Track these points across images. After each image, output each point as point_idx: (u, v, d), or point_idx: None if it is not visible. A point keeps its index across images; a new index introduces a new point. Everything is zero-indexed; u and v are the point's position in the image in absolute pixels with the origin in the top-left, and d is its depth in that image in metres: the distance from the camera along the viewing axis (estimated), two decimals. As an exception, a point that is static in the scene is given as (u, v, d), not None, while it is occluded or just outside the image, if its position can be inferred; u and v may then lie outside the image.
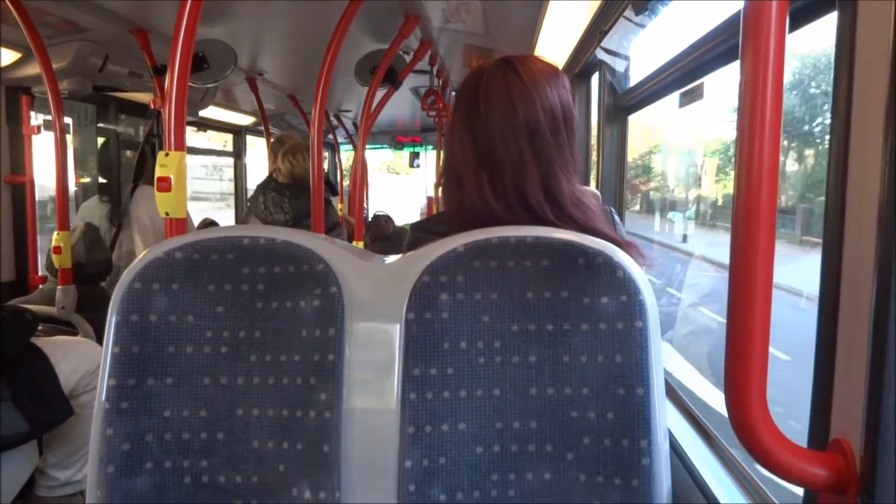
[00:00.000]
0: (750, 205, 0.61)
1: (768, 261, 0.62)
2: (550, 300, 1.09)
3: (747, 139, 0.61)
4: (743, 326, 0.62)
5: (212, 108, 4.78)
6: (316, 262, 1.12)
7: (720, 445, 1.19)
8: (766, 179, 0.61)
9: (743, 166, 0.61)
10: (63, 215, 2.69)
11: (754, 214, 0.61)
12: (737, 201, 0.62)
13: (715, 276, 4.30)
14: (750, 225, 0.61)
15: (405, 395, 1.07)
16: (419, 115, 6.77)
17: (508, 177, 1.16)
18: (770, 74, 0.60)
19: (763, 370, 0.62)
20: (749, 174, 0.61)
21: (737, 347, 0.63)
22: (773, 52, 0.59)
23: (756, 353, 0.62)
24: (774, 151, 0.61)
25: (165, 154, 1.36)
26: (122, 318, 1.12)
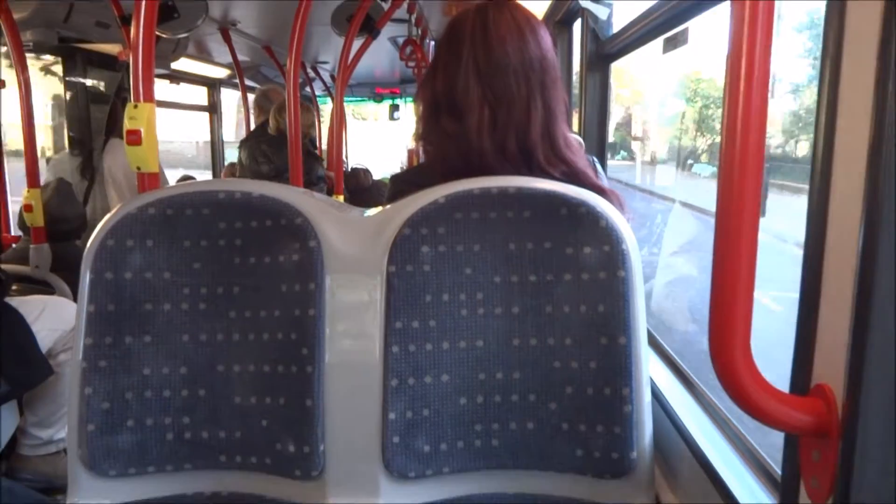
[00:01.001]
0: (737, 148, 0.60)
1: (754, 205, 0.61)
2: (533, 251, 1.08)
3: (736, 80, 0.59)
4: (728, 271, 0.62)
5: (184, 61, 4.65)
6: (294, 216, 1.10)
7: (701, 392, 1.21)
8: (755, 124, 0.59)
9: (731, 109, 0.60)
10: (32, 172, 2.62)
11: (741, 158, 0.60)
12: (724, 145, 0.61)
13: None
14: (736, 169, 0.60)
15: (387, 348, 1.06)
16: (398, 67, 6.64)
17: (514, 113, 1.14)
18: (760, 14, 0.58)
19: (748, 315, 0.62)
20: (736, 117, 0.60)
21: (721, 292, 0.62)
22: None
23: (740, 298, 0.62)
24: (763, 94, 0.59)
25: (134, 106, 1.31)
26: (95, 276, 1.09)
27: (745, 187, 0.60)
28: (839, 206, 0.63)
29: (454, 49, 1.17)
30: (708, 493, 0.95)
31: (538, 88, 1.15)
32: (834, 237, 0.63)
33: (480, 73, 1.14)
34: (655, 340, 1.44)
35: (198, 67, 5.29)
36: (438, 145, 1.21)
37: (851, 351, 0.60)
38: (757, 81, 0.59)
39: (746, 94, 0.59)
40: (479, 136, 1.14)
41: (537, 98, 1.15)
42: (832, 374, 0.63)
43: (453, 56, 1.17)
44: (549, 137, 1.16)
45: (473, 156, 1.15)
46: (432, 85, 1.20)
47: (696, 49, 3.55)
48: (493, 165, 1.14)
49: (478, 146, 1.14)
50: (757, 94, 0.59)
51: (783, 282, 1.47)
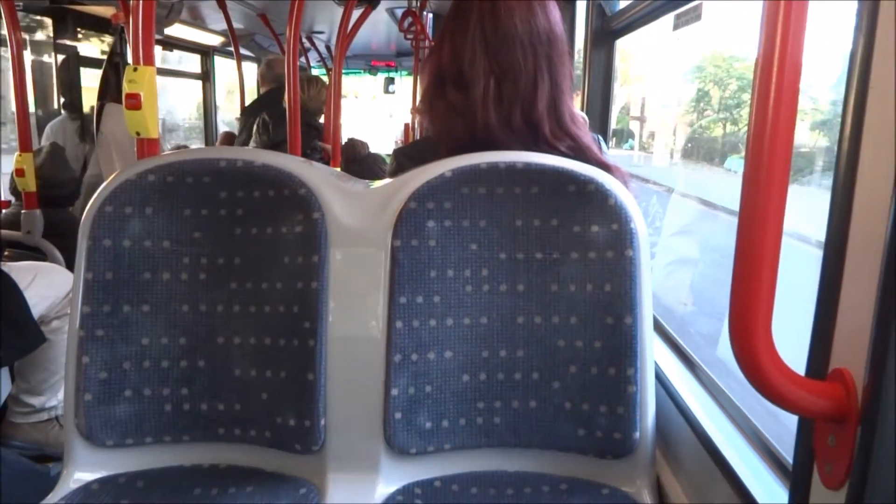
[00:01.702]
0: (764, 136, 0.58)
1: (782, 188, 0.59)
2: (540, 228, 1.07)
3: (764, 74, 0.57)
4: (751, 253, 0.60)
5: (178, 27, 4.56)
6: (298, 187, 1.08)
7: (704, 373, 1.20)
8: (784, 112, 0.57)
9: (760, 97, 0.58)
10: (25, 136, 2.56)
11: (769, 145, 0.58)
12: (751, 132, 0.59)
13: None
14: (763, 153, 0.58)
15: (391, 324, 1.05)
16: (395, 40, 6.55)
17: (521, 87, 1.12)
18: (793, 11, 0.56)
19: (770, 297, 0.61)
20: (765, 106, 0.58)
21: (744, 274, 0.61)
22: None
23: (764, 281, 0.60)
24: (794, 81, 0.57)
25: (134, 69, 1.28)
26: (93, 244, 1.07)
27: (773, 171, 0.58)
28: (867, 180, 0.61)
29: (462, 19, 1.15)
30: (712, 475, 0.95)
31: (545, 62, 1.13)
32: (860, 214, 0.62)
33: (487, 44, 1.12)
34: (657, 321, 1.44)
35: (191, 34, 5.19)
36: (443, 117, 1.19)
37: (875, 335, 0.59)
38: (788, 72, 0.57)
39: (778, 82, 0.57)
40: (484, 108, 1.12)
41: (544, 71, 1.13)
42: (852, 358, 0.62)
43: (460, 27, 1.15)
44: (555, 111, 1.14)
45: (479, 128, 1.13)
46: (438, 56, 1.18)
47: (725, 24, 3.29)
48: (499, 138, 1.12)
49: (483, 118, 1.12)
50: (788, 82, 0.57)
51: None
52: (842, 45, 0.64)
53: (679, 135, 5.61)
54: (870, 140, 0.61)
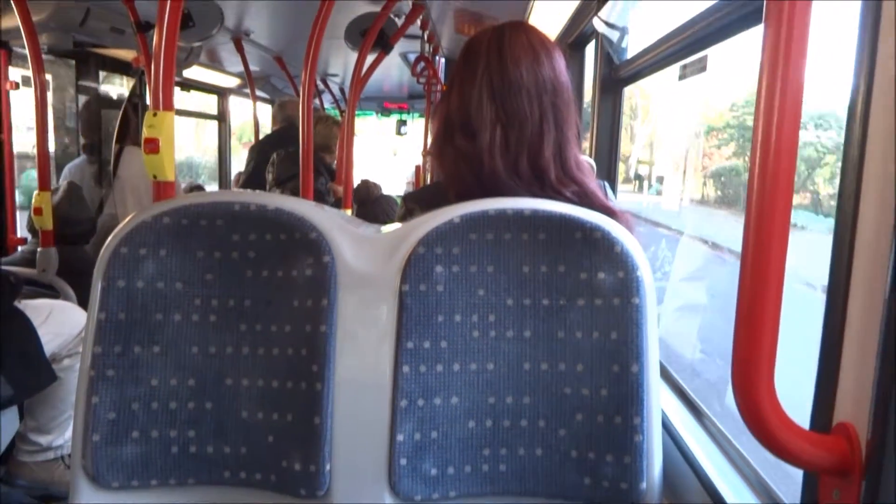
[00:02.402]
0: (766, 182, 0.59)
1: (782, 241, 0.60)
2: (547, 274, 1.07)
3: (766, 111, 0.59)
4: (753, 306, 0.61)
5: (196, 69, 4.68)
6: (309, 231, 1.09)
7: (711, 423, 1.19)
8: (784, 158, 0.59)
9: (761, 143, 0.59)
10: (44, 175, 2.62)
11: (770, 192, 0.59)
12: (753, 178, 0.60)
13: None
14: (764, 203, 0.60)
15: (398, 368, 1.05)
16: (407, 83, 6.67)
17: (527, 134, 1.15)
18: (794, 45, 0.58)
19: (772, 350, 0.61)
20: (766, 152, 0.59)
21: (746, 327, 0.62)
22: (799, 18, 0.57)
23: (766, 334, 0.61)
24: (794, 124, 0.59)
25: (153, 114, 1.31)
26: (108, 284, 1.09)
27: (773, 223, 0.59)
28: (867, 233, 0.62)
29: (470, 68, 1.19)
30: (719, 527, 0.94)
31: (551, 110, 1.16)
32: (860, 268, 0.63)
33: (494, 93, 1.16)
34: (665, 369, 1.44)
35: (209, 76, 5.32)
36: (452, 163, 1.21)
37: (877, 389, 0.59)
38: (788, 116, 0.59)
39: (779, 127, 0.59)
40: (490, 155, 1.15)
41: (550, 119, 1.16)
42: (856, 412, 0.62)
43: (469, 75, 1.18)
44: (560, 158, 1.17)
45: (485, 174, 1.15)
46: (447, 103, 1.21)
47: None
48: (506, 184, 1.14)
49: (490, 165, 1.15)
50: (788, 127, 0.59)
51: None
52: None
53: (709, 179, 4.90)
54: (869, 189, 0.62)
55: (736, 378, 0.63)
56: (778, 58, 0.58)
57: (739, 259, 0.62)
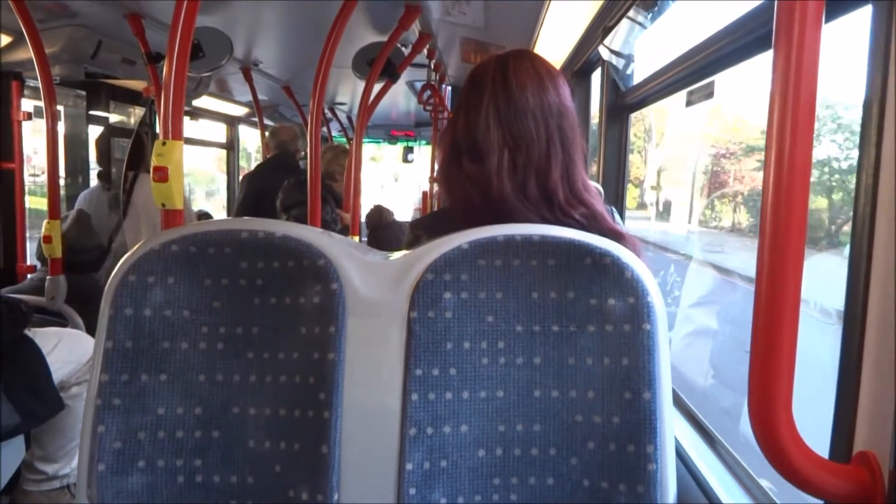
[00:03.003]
0: (780, 208, 0.59)
1: (797, 266, 0.59)
2: (556, 300, 1.07)
3: (778, 137, 0.59)
4: (770, 333, 0.60)
5: (205, 98, 4.74)
6: (317, 258, 1.09)
7: (726, 451, 1.17)
8: (798, 182, 0.58)
9: (773, 168, 0.59)
10: (54, 204, 2.64)
11: (784, 217, 0.59)
12: (766, 204, 0.60)
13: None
14: (779, 228, 0.59)
15: (407, 396, 1.04)
16: (414, 110, 6.72)
17: (534, 157, 1.16)
18: (804, 70, 0.57)
19: (790, 378, 0.60)
20: (779, 177, 0.59)
21: (763, 355, 0.61)
22: (809, 42, 0.57)
23: (783, 361, 0.60)
24: (806, 152, 0.58)
25: (163, 143, 1.32)
26: (115, 312, 1.09)
27: (788, 249, 0.59)
28: (882, 259, 0.61)
29: (476, 94, 1.20)
30: (736, 559, 0.92)
31: (557, 132, 1.17)
32: (878, 293, 0.62)
33: (500, 116, 1.17)
34: (677, 396, 1.42)
35: (218, 105, 5.38)
36: (459, 187, 1.22)
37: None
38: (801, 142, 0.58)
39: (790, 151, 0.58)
40: (499, 178, 1.15)
41: (556, 142, 1.17)
42: (876, 440, 0.61)
43: (474, 101, 1.19)
44: (568, 180, 1.18)
45: (494, 197, 1.15)
46: (454, 129, 1.22)
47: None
48: (514, 206, 1.15)
49: (498, 188, 1.15)
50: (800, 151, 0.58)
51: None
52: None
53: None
54: (883, 215, 0.61)
55: (752, 406, 0.62)
56: (788, 83, 0.58)
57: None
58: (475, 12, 2.84)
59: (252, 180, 4.07)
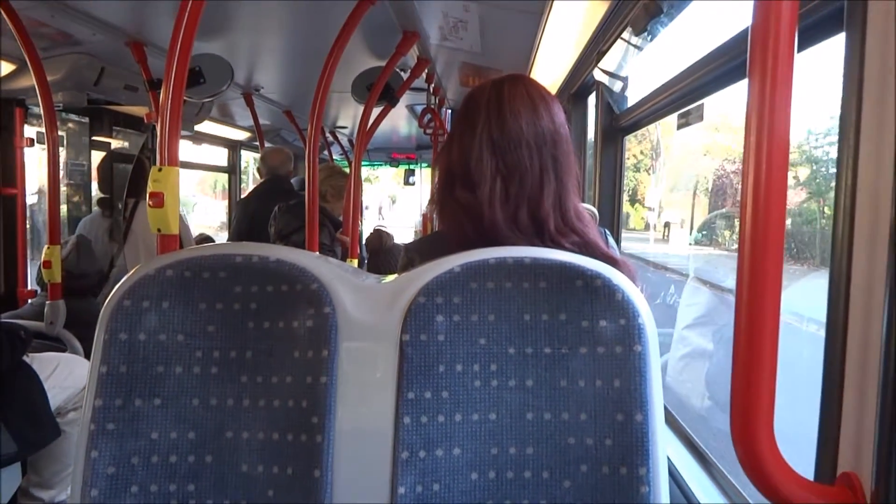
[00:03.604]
0: (757, 231, 0.60)
1: (776, 287, 0.60)
2: (548, 322, 1.07)
3: (754, 164, 0.60)
4: (750, 354, 0.61)
5: (207, 123, 4.78)
6: (310, 282, 1.10)
7: (719, 473, 1.17)
8: (774, 203, 0.59)
9: (750, 188, 0.60)
10: (54, 229, 2.66)
11: (762, 241, 0.60)
12: (743, 225, 0.61)
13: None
14: (757, 251, 0.60)
15: (399, 419, 1.04)
16: (415, 133, 6.77)
17: (527, 186, 1.16)
18: (778, 94, 0.59)
19: (770, 399, 0.61)
20: (756, 197, 0.60)
21: (743, 376, 0.61)
22: (781, 71, 0.58)
23: (763, 382, 0.60)
24: (782, 174, 0.59)
25: (158, 169, 1.34)
26: (110, 337, 1.09)
27: (766, 271, 0.59)
28: (863, 281, 0.62)
29: (470, 122, 1.21)
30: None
31: (550, 161, 1.18)
32: (857, 315, 0.62)
33: (494, 145, 1.17)
34: (671, 416, 1.41)
35: (219, 129, 5.43)
36: (452, 214, 1.22)
37: (879, 438, 0.58)
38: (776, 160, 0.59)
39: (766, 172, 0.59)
40: (490, 207, 1.16)
41: (549, 171, 1.17)
42: (860, 461, 0.61)
43: (469, 129, 1.20)
44: (560, 209, 1.18)
45: (485, 226, 1.16)
46: (448, 156, 1.23)
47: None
48: (505, 235, 1.15)
49: (489, 216, 1.16)
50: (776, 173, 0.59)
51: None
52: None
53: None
54: (861, 239, 0.62)
55: (735, 428, 0.62)
56: (764, 110, 0.59)
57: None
58: (472, 38, 2.88)
59: (245, 206, 4.06)
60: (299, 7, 2.64)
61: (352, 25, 2.27)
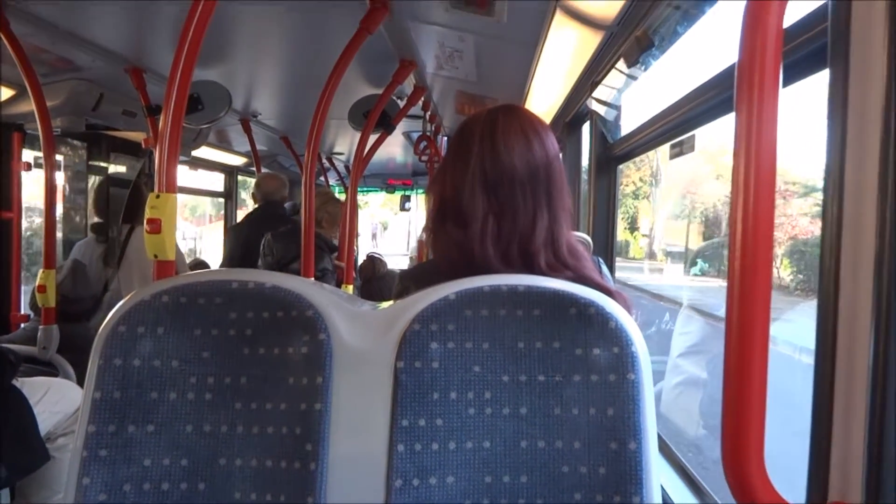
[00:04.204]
0: (745, 258, 0.61)
1: (764, 314, 0.61)
2: (542, 350, 1.08)
3: (742, 195, 0.61)
4: (739, 385, 0.61)
5: (204, 148, 4.80)
6: (305, 308, 1.10)
7: (712, 500, 1.17)
8: (762, 232, 0.61)
9: (739, 218, 0.61)
10: (50, 254, 2.66)
11: (750, 271, 0.61)
12: (732, 254, 0.62)
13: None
14: (745, 281, 0.61)
15: (393, 447, 1.04)
16: (411, 159, 6.82)
17: (519, 224, 1.15)
18: (764, 128, 0.60)
19: (760, 427, 0.61)
20: (744, 227, 0.61)
21: (734, 404, 0.62)
22: (767, 106, 0.60)
23: (753, 410, 0.61)
24: (769, 204, 0.61)
25: (157, 196, 1.35)
26: (104, 363, 1.09)
27: (755, 299, 0.60)
28: (849, 314, 0.63)
29: (463, 154, 1.20)
30: None
31: (544, 198, 1.17)
32: (845, 347, 0.63)
33: (487, 182, 1.17)
34: (664, 444, 1.41)
35: (216, 155, 5.45)
36: (444, 248, 1.23)
37: (868, 466, 0.59)
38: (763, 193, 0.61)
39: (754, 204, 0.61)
40: (482, 245, 1.16)
41: (543, 208, 1.17)
42: (849, 489, 0.62)
43: (462, 161, 1.19)
44: (552, 245, 1.17)
45: (476, 262, 1.16)
46: (441, 186, 1.22)
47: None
48: (497, 270, 1.15)
49: (481, 253, 1.16)
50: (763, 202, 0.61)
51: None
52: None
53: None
54: (848, 267, 0.63)
55: (726, 455, 0.63)
56: (751, 142, 0.60)
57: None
58: (468, 67, 2.92)
59: (237, 232, 4.05)
60: (298, 36, 2.68)
61: (350, 54, 2.30)
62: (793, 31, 0.92)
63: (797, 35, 0.93)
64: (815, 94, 1.11)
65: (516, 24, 2.04)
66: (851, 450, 0.61)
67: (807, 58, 0.92)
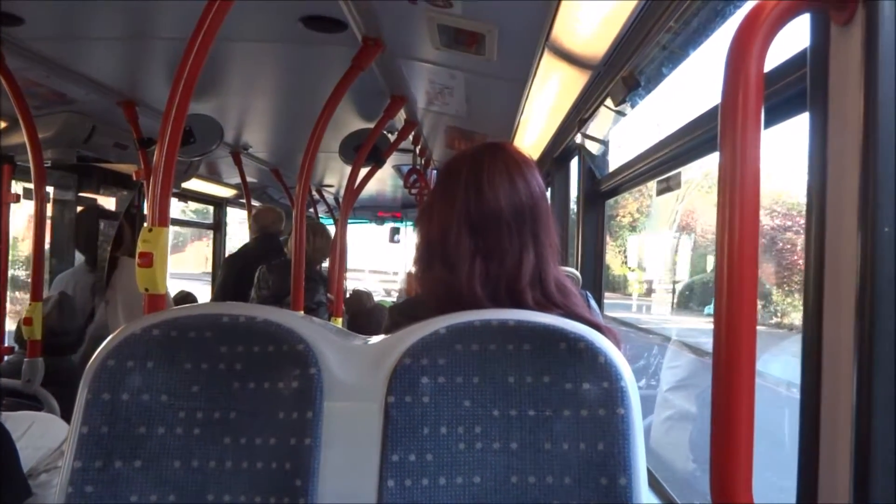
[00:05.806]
0: (732, 288, 0.62)
1: (750, 347, 0.62)
2: (532, 385, 1.08)
3: (727, 231, 0.63)
4: (727, 413, 0.63)
5: (194, 180, 4.81)
6: (296, 343, 1.11)
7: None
8: (747, 265, 0.62)
9: (723, 253, 0.63)
10: (37, 286, 2.64)
11: (736, 306, 0.62)
12: (718, 285, 0.64)
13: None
14: (732, 310, 0.63)
15: (383, 483, 1.03)
16: (400, 192, 6.86)
17: (507, 265, 1.15)
18: (747, 167, 0.62)
19: (748, 459, 0.62)
20: (730, 260, 0.63)
21: (721, 435, 0.63)
22: (750, 145, 0.62)
23: (742, 442, 0.62)
24: (752, 240, 0.63)
25: (149, 230, 1.36)
26: (92, 397, 1.08)
27: (741, 332, 0.62)
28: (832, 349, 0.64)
29: (449, 195, 1.20)
30: None
31: (530, 238, 1.17)
32: (829, 386, 0.65)
33: (473, 224, 1.16)
34: (654, 479, 1.41)
35: (206, 187, 5.46)
36: (432, 289, 1.23)
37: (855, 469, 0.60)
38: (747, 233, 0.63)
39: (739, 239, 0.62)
40: (469, 286, 1.16)
41: (529, 248, 1.17)
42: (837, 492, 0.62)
43: (447, 202, 1.19)
44: (539, 283, 1.17)
45: (466, 303, 1.17)
46: (427, 227, 1.22)
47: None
48: (485, 307, 1.16)
49: (469, 295, 1.16)
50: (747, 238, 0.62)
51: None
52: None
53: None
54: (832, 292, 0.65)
55: (715, 488, 0.63)
56: (735, 181, 0.62)
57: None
58: (458, 103, 2.96)
59: (232, 263, 4.06)
60: (290, 71, 2.72)
61: (342, 90, 2.34)
62: (774, 76, 0.95)
63: (778, 79, 0.96)
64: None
65: (505, 63, 2.08)
66: (839, 453, 0.62)
67: (787, 101, 0.95)
